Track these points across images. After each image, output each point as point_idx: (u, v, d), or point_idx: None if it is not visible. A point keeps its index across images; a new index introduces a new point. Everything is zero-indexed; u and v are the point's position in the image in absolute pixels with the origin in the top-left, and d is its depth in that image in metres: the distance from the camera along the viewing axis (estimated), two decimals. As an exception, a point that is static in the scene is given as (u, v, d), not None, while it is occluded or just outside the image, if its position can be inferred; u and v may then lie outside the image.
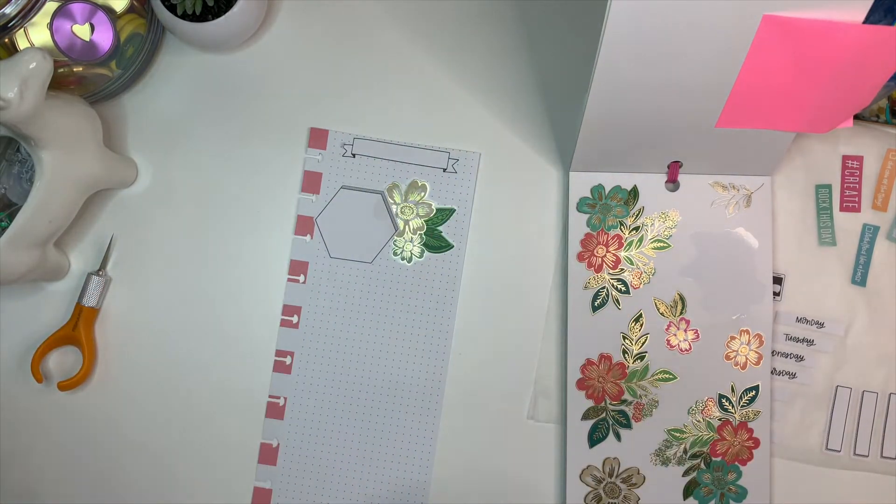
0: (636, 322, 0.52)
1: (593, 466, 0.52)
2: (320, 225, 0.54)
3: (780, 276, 0.54)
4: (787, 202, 0.54)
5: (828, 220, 0.54)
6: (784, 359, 0.54)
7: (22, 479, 0.54)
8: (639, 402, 0.52)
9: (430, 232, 0.54)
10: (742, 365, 0.52)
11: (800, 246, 0.54)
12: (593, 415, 0.52)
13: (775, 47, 0.40)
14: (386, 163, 0.54)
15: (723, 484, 0.52)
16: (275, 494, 0.53)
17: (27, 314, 0.54)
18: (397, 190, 0.54)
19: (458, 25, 0.55)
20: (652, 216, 0.53)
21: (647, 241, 0.53)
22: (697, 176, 0.52)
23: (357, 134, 0.55)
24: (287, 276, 0.54)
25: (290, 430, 0.53)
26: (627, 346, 0.52)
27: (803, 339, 0.54)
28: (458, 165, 0.54)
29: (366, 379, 0.54)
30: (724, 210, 0.52)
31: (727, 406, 0.52)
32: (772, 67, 0.41)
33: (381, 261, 0.54)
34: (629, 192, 0.53)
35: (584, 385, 0.52)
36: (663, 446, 0.52)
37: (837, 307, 0.54)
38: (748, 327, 0.52)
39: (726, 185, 0.52)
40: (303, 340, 0.54)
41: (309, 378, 0.53)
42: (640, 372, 0.52)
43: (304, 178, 0.54)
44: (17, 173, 0.51)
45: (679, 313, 0.53)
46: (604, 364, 0.52)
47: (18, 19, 0.45)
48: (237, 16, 0.50)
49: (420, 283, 0.54)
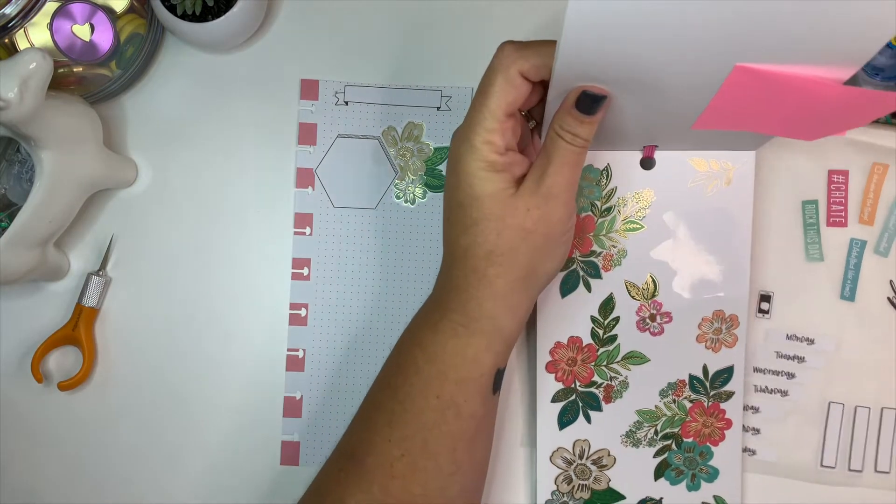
0: (607, 305, 0.52)
1: (563, 448, 0.52)
2: (320, 175, 0.54)
3: (769, 293, 0.54)
4: (774, 218, 0.54)
5: (815, 236, 0.54)
6: (775, 376, 0.54)
7: (22, 479, 0.54)
8: (609, 384, 0.52)
9: (430, 172, 0.55)
10: (715, 347, 0.52)
11: (787, 262, 0.54)
12: (563, 397, 0.52)
13: (749, 88, 0.38)
14: (379, 107, 0.55)
15: (694, 464, 0.52)
16: (303, 447, 0.54)
17: (27, 314, 0.54)
18: (393, 133, 0.54)
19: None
20: (625, 196, 0.51)
21: (619, 222, 0.51)
22: (675, 153, 0.50)
23: (348, 81, 0.54)
24: (293, 230, 0.54)
25: (311, 381, 0.54)
26: (597, 329, 0.52)
27: (794, 357, 0.54)
28: (452, 103, 0.55)
29: (380, 322, 0.54)
30: (702, 189, 0.51)
31: (699, 388, 0.52)
32: (748, 100, 0.40)
33: (385, 205, 0.55)
34: (601, 171, 0.51)
35: (554, 368, 0.52)
36: (634, 428, 0.52)
37: (827, 323, 0.54)
38: (722, 308, 0.52)
39: (706, 163, 0.51)
40: (315, 291, 0.54)
41: (325, 328, 0.54)
42: (610, 354, 0.52)
43: (300, 130, 0.55)
44: (17, 173, 0.51)
45: (651, 296, 0.52)
46: (573, 347, 0.52)
47: (18, 19, 0.45)
48: (237, 16, 0.50)
49: (426, 224, 0.54)
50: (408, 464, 0.42)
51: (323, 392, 0.54)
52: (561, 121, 0.41)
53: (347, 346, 0.54)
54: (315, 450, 0.54)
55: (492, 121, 0.41)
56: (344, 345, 0.54)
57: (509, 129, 0.42)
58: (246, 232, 0.55)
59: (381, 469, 0.42)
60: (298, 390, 0.54)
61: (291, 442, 0.54)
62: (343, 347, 0.54)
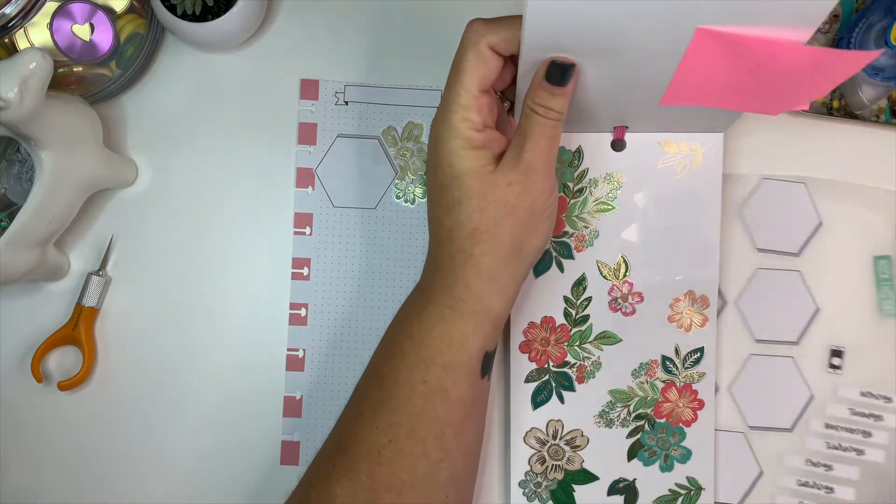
0: (579, 285, 0.52)
1: (537, 429, 0.53)
2: (320, 175, 0.54)
3: (840, 348, 0.54)
4: (845, 273, 0.54)
5: (888, 292, 0.54)
6: (850, 434, 0.53)
7: (22, 479, 0.54)
8: (582, 364, 0.52)
9: None
10: (686, 327, 0.52)
11: (859, 318, 0.54)
12: (536, 377, 0.52)
13: (713, 54, 0.39)
14: (379, 107, 0.55)
15: (667, 445, 0.53)
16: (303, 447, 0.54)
17: (27, 314, 0.54)
18: (393, 133, 0.55)
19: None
20: (596, 178, 0.52)
21: (591, 203, 0.52)
22: (645, 135, 0.51)
23: (348, 81, 0.55)
24: (293, 230, 0.54)
25: (311, 381, 0.54)
26: (570, 309, 0.52)
27: (869, 415, 0.53)
28: None
29: (380, 322, 0.54)
30: (672, 170, 0.52)
31: (671, 368, 0.52)
32: (712, 68, 0.40)
33: (385, 205, 0.55)
34: (573, 153, 0.52)
35: (528, 348, 0.52)
36: (607, 408, 0.52)
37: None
38: (693, 289, 0.52)
39: (675, 144, 0.52)
40: (315, 291, 0.54)
41: (325, 328, 0.54)
42: (583, 334, 0.52)
43: (300, 130, 0.55)
44: (17, 173, 0.51)
45: (623, 276, 0.52)
46: (546, 327, 0.52)
47: (18, 19, 0.45)
48: (237, 16, 0.50)
49: (426, 224, 0.54)
50: (395, 451, 0.42)
51: (323, 392, 0.54)
52: (534, 95, 0.41)
53: (347, 346, 0.54)
54: (315, 450, 0.53)
55: (467, 97, 0.41)
56: (344, 345, 0.54)
57: (485, 106, 0.42)
58: (246, 232, 0.55)
59: (369, 456, 0.42)
60: (298, 390, 0.54)
61: (291, 442, 0.54)
62: (343, 347, 0.54)
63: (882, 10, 0.52)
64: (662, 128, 0.51)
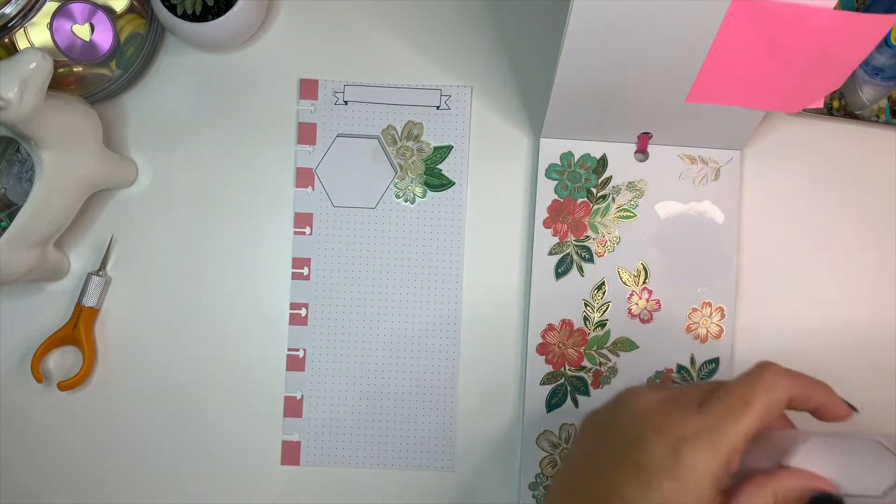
0: (598, 290, 0.53)
1: (550, 432, 0.53)
2: (320, 175, 0.54)
3: None
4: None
5: None
6: None
7: (22, 479, 0.54)
8: (598, 369, 0.53)
9: (429, 171, 0.55)
10: (703, 337, 0.53)
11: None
12: (552, 380, 0.53)
13: (745, 29, 0.40)
14: (379, 106, 0.55)
15: None
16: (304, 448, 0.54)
17: (27, 314, 0.54)
18: (393, 132, 0.55)
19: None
20: (619, 185, 0.53)
21: (614, 210, 0.53)
22: (667, 147, 0.53)
23: (347, 81, 0.55)
24: (293, 230, 0.54)
25: (311, 381, 0.54)
26: (589, 313, 0.53)
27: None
28: (451, 102, 0.55)
29: (380, 321, 0.54)
30: (691, 182, 0.53)
31: (686, 377, 0.53)
32: (742, 48, 0.42)
33: (385, 205, 0.55)
34: (598, 160, 0.53)
35: (545, 350, 0.53)
36: None
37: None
38: (710, 300, 0.53)
39: (695, 158, 0.53)
40: (315, 291, 0.54)
41: (325, 328, 0.54)
42: (600, 339, 0.53)
43: (299, 130, 0.55)
44: (17, 173, 0.51)
45: (642, 283, 0.53)
46: (565, 330, 0.53)
47: (18, 19, 0.45)
48: (237, 16, 0.50)
49: (425, 223, 0.54)
50: None
51: (323, 392, 0.54)
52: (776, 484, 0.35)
53: (348, 346, 0.54)
54: (315, 449, 0.54)
55: (742, 442, 0.36)
56: (344, 345, 0.54)
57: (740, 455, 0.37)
58: (246, 231, 0.55)
59: None
60: (299, 390, 0.54)
61: (292, 442, 0.54)
62: (343, 347, 0.54)
63: (882, 10, 0.52)
64: (683, 141, 0.52)
